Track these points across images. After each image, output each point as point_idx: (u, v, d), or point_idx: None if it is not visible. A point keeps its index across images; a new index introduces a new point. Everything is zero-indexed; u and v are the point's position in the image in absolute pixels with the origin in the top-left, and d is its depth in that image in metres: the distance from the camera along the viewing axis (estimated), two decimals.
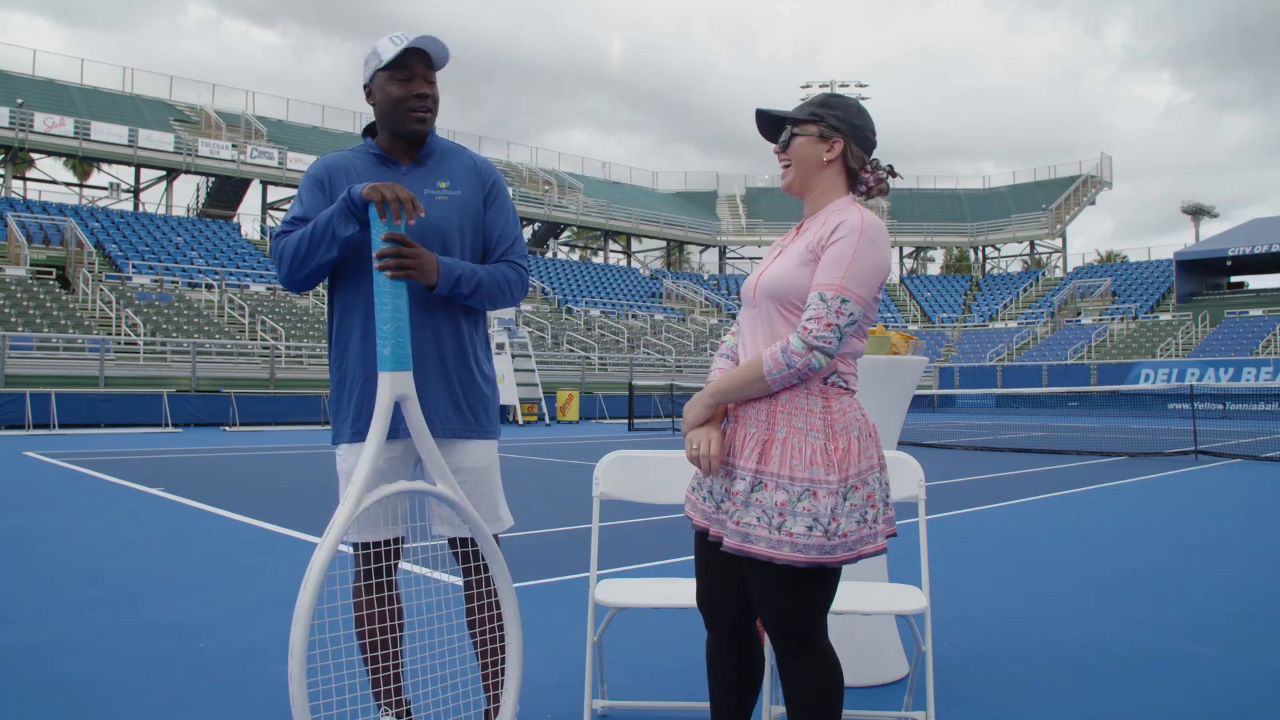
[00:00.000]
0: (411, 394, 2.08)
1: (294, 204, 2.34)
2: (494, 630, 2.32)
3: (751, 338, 2.01)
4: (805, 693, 1.94)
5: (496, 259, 2.37)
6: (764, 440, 1.90)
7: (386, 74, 2.25)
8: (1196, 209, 52.65)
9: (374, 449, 2.02)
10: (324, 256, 2.20)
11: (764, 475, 1.88)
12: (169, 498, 7.97)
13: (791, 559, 1.82)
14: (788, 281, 1.93)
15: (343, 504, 1.99)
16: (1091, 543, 5.97)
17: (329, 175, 2.32)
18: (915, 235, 50.66)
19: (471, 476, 2.33)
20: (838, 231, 1.89)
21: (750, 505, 1.88)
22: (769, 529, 1.84)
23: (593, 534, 2.68)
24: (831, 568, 1.88)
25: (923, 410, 28.52)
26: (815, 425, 1.88)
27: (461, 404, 2.32)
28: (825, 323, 1.84)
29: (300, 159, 36.46)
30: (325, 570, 1.91)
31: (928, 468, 2.73)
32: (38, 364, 20.28)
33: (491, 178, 2.41)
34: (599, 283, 42.37)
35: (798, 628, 1.92)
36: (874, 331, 3.21)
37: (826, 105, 2.03)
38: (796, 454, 1.86)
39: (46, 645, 3.49)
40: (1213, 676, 3.18)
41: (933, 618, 2.61)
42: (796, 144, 2.02)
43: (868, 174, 2.05)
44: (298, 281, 2.28)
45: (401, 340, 2.07)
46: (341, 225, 2.15)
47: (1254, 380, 26.73)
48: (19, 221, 28.16)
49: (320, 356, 25.34)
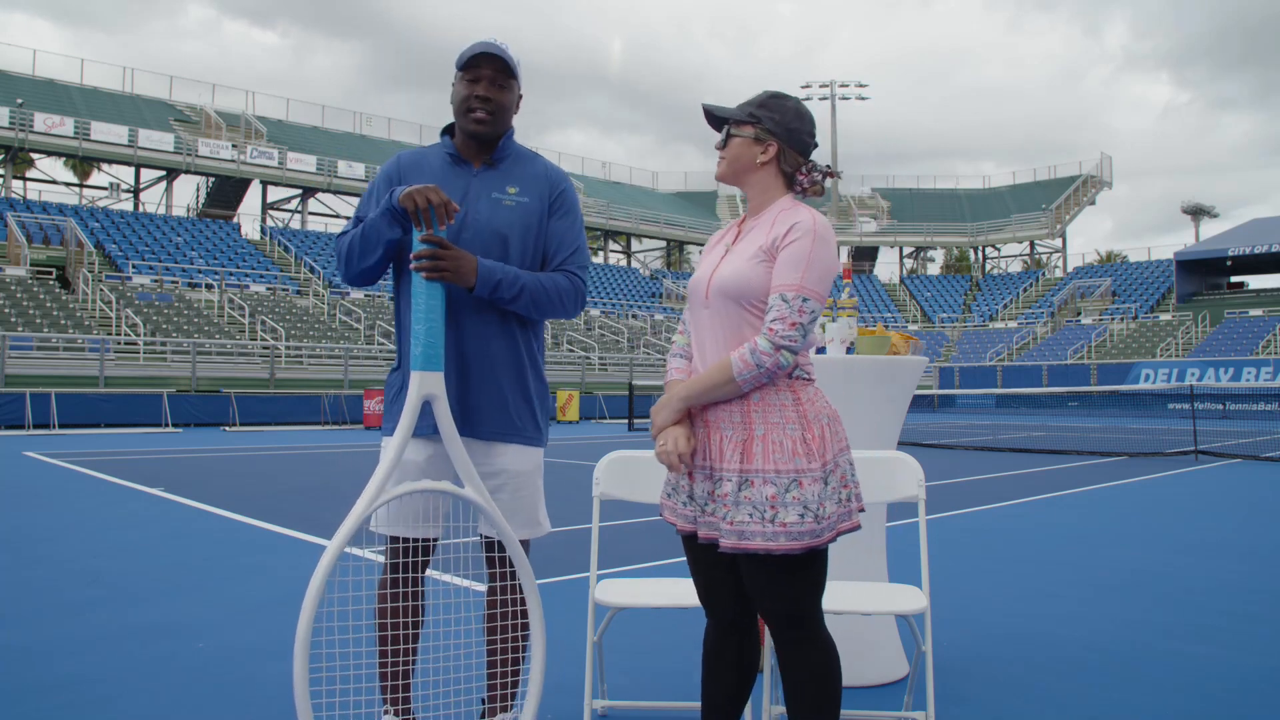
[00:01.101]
0: (441, 394, 2.10)
1: (361, 202, 2.37)
2: (511, 636, 2.32)
3: (711, 338, 2.03)
4: (807, 685, 1.96)
5: (554, 268, 2.37)
6: (744, 440, 1.95)
7: (459, 74, 2.31)
8: (1196, 209, 52.64)
9: (399, 443, 2.06)
10: (371, 257, 2.24)
11: (750, 473, 1.92)
12: (169, 498, 7.97)
13: (789, 548, 1.88)
14: (746, 280, 1.97)
15: (362, 496, 2.02)
16: (1091, 543, 5.97)
17: (400, 172, 2.35)
18: (915, 235, 50.63)
19: (513, 480, 2.33)
20: (792, 233, 1.94)
21: (741, 503, 1.92)
22: (763, 523, 1.89)
23: (593, 534, 2.67)
24: (820, 549, 1.94)
25: (923, 410, 28.52)
26: (790, 418, 1.94)
27: (509, 407, 2.33)
28: (790, 322, 1.90)
29: (300, 159, 36.47)
30: (337, 556, 1.94)
31: (928, 468, 2.73)
32: (38, 364, 20.29)
33: (560, 186, 2.41)
34: (599, 283, 42.37)
35: (800, 611, 1.96)
36: (874, 331, 3.21)
37: (765, 107, 2.06)
38: (778, 448, 1.91)
39: (46, 645, 3.49)
40: (1213, 676, 3.18)
41: (933, 618, 2.61)
42: (733, 143, 2.07)
43: (803, 177, 2.08)
44: (353, 278, 2.31)
45: (434, 341, 2.09)
46: (386, 228, 2.17)
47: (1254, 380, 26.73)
48: (19, 221, 28.17)
49: (320, 356, 25.38)
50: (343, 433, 19.09)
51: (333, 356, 25.19)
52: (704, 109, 2.12)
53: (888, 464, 2.61)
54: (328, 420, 20.97)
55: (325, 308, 30.09)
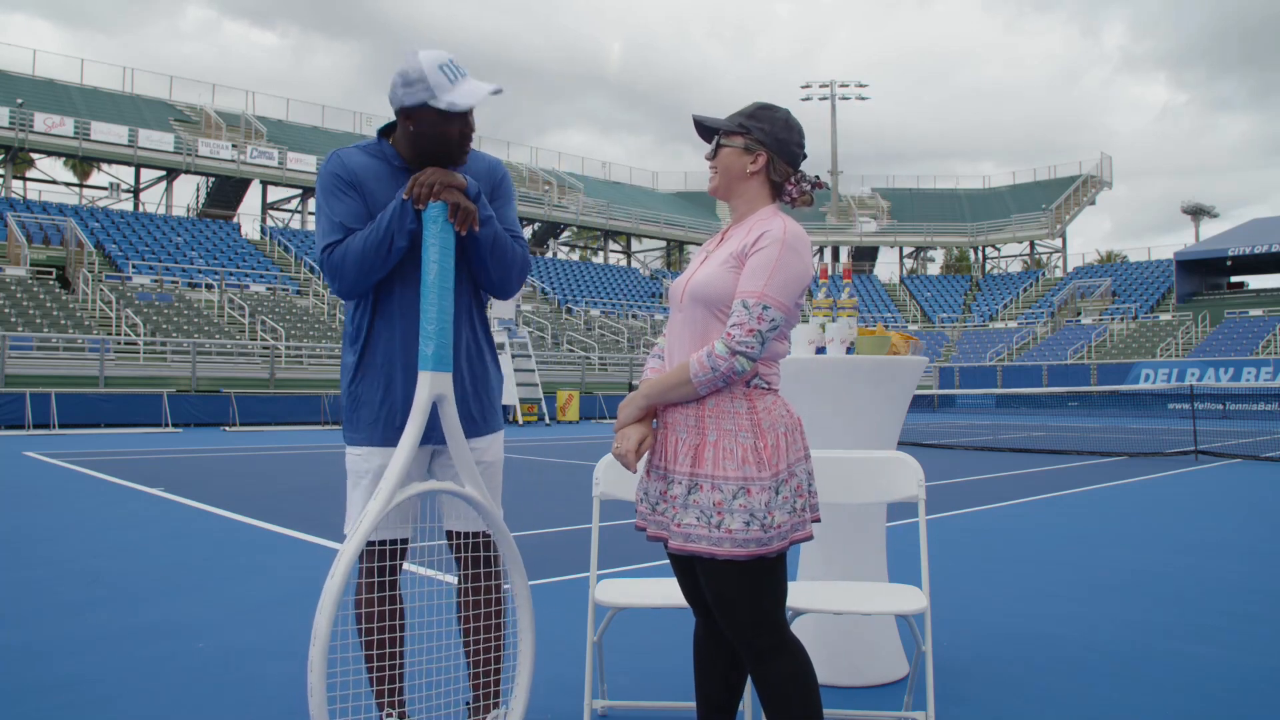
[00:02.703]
0: (449, 394, 2.11)
1: (324, 217, 2.23)
2: (490, 629, 2.32)
3: (679, 340, 2.06)
4: (780, 691, 1.97)
5: None
6: (695, 444, 1.97)
7: (439, 113, 2.17)
8: (1196, 209, 52.62)
9: (410, 444, 2.06)
10: (395, 252, 2.17)
11: (699, 477, 1.95)
12: (169, 498, 7.97)
13: (732, 554, 1.90)
14: (714, 286, 2.00)
15: (375, 498, 2.02)
16: (1091, 543, 5.97)
17: (354, 175, 2.25)
18: (915, 235, 50.61)
19: (489, 469, 2.35)
20: (761, 240, 1.97)
21: (689, 507, 1.95)
22: (709, 528, 1.92)
23: (593, 534, 2.68)
24: (771, 557, 1.95)
25: (923, 410, 28.51)
26: (743, 426, 1.95)
27: (482, 398, 2.35)
28: (748, 329, 1.91)
29: (300, 159, 36.45)
30: (354, 560, 1.95)
31: (928, 468, 2.73)
32: (38, 364, 20.28)
33: (500, 173, 2.43)
34: (599, 283, 42.37)
35: (760, 619, 1.96)
36: (874, 331, 3.21)
37: (754, 118, 2.09)
38: (728, 454, 1.93)
39: (46, 645, 3.49)
40: (1212, 676, 3.18)
41: (933, 618, 2.61)
42: (723, 154, 2.10)
43: (791, 186, 2.11)
44: (367, 286, 2.23)
45: (444, 341, 2.10)
46: (412, 219, 2.16)
47: (1254, 380, 26.71)
48: (19, 221, 28.16)
49: (320, 356, 25.34)
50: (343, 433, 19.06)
51: (333, 356, 25.17)
52: (694, 120, 2.15)
53: (888, 464, 2.61)
54: (328, 420, 20.97)
55: (325, 308, 30.09)
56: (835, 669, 3.07)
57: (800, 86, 49.33)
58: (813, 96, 49.88)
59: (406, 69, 2.16)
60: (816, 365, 3.08)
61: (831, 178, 50.50)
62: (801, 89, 49.91)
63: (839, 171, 50.58)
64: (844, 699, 2.93)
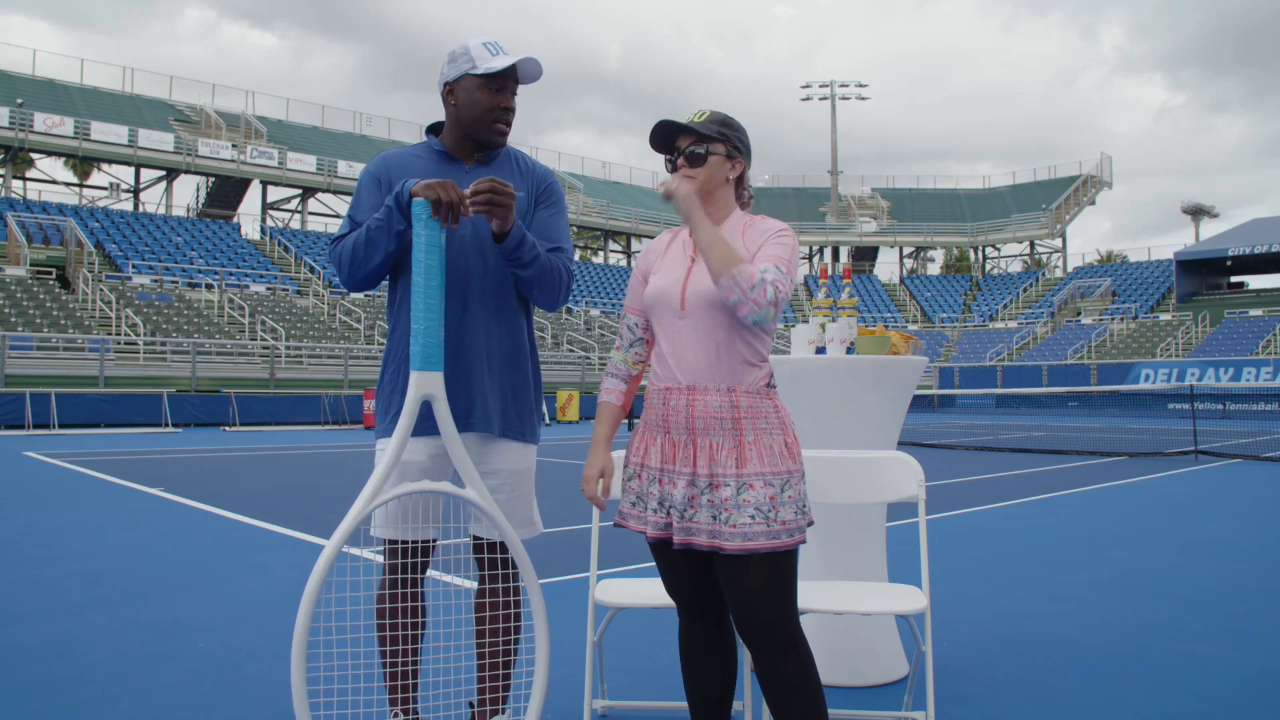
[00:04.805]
0: (440, 395, 2.09)
1: (351, 205, 2.35)
2: (506, 636, 2.31)
3: (693, 347, 2.08)
4: (791, 694, 1.99)
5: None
6: (735, 446, 2.03)
7: (478, 80, 2.25)
8: (1196, 209, 52.59)
9: (397, 444, 2.06)
10: (383, 253, 2.21)
11: (747, 476, 2.00)
12: (169, 498, 7.97)
13: (790, 544, 2.00)
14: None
15: (360, 497, 2.02)
16: (1091, 543, 5.97)
17: (388, 173, 2.31)
18: (915, 235, 50.61)
19: (510, 480, 2.33)
20: (782, 234, 2.11)
21: (741, 506, 1.98)
22: (767, 523, 1.98)
23: (593, 534, 2.68)
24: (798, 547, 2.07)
25: (923, 410, 28.51)
26: (774, 424, 2.07)
27: (509, 404, 2.33)
28: (778, 284, 1.98)
29: (300, 159, 36.46)
30: (333, 558, 1.94)
31: (928, 468, 2.74)
32: (38, 364, 20.29)
33: (548, 180, 2.44)
34: (599, 283, 42.38)
35: (788, 615, 2.02)
36: (874, 331, 3.21)
37: (730, 127, 2.16)
38: (769, 451, 2.04)
39: (46, 645, 3.49)
40: (1212, 676, 3.18)
41: (933, 618, 2.61)
42: (711, 161, 2.13)
43: (744, 191, 2.24)
44: (358, 282, 2.28)
45: (431, 340, 2.08)
46: (399, 220, 2.17)
47: (1254, 380, 26.71)
48: (19, 221, 28.16)
49: (320, 356, 25.35)
50: (343, 433, 19.09)
51: (333, 356, 25.18)
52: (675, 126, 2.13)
53: (888, 464, 2.61)
54: (328, 420, 20.98)
55: (325, 308, 30.09)
56: (835, 669, 3.07)
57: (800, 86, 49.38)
58: (813, 96, 49.91)
59: (454, 49, 2.29)
60: (816, 365, 3.08)
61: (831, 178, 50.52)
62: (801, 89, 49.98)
63: (839, 171, 50.59)
64: (844, 699, 2.94)
